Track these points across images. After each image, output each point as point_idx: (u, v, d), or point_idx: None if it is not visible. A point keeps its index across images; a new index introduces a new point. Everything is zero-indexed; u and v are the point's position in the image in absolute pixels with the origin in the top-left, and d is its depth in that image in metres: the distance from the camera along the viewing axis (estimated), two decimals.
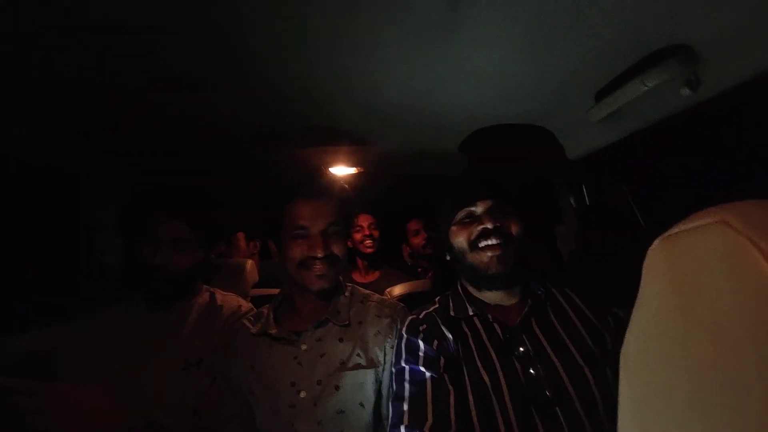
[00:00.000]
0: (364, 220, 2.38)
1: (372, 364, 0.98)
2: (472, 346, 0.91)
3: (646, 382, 0.31)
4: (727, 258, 0.25)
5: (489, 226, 0.93)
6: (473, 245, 0.96)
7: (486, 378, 0.84)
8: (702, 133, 1.09)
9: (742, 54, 0.83)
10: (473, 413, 0.81)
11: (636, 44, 0.88)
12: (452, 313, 0.98)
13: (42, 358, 1.15)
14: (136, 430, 0.88)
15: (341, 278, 1.16)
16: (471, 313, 0.96)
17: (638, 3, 0.75)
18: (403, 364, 0.90)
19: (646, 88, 0.89)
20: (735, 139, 1.02)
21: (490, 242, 0.93)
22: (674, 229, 0.30)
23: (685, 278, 0.28)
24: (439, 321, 0.97)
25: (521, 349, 0.87)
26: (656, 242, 0.31)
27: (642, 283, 0.32)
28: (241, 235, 2.24)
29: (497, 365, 0.86)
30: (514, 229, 0.95)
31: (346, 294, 1.12)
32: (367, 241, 2.33)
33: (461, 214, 0.99)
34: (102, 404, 0.84)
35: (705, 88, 0.91)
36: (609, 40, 0.87)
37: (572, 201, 1.59)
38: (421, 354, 0.90)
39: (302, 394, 0.94)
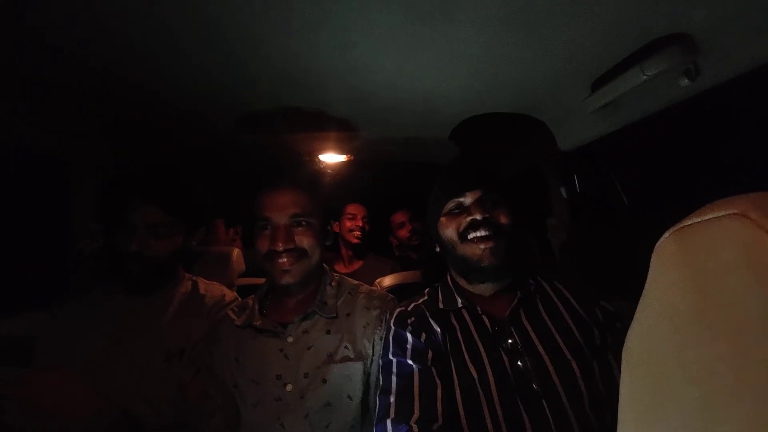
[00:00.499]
0: (358, 210, 2.34)
1: (360, 356, 0.96)
2: (460, 339, 0.90)
3: (652, 383, 0.29)
4: (746, 252, 0.24)
5: (478, 217, 0.91)
6: (462, 236, 0.94)
7: (473, 371, 0.83)
8: (698, 125, 1.08)
9: (743, 44, 0.81)
10: (460, 407, 0.80)
11: (636, 32, 0.86)
12: (441, 306, 0.97)
13: (19, 344, 1.12)
14: (110, 420, 0.87)
15: (327, 268, 1.13)
16: (460, 305, 0.95)
17: None
18: (391, 357, 0.89)
19: (645, 77, 0.88)
20: (732, 130, 1.01)
21: (479, 234, 0.92)
22: (687, 221, 0.28)
23: (699, 273, 0.26)
24: (428, 314, 0.96)
25: (509, 341, 0.86)
26: (667, 235, 0.29)
27: (650, 278, 0.31)
28: (219, 222, 2.16)
29: (485, 358, 0.85)
30: (504, 220, 0.94)
31: (332, 284, 1.08)
32: (357, 232, 2.29)
33: (450, 204, 0.97)
34: (78, 393, 0.83)
35: (704, 78, 0.89)
36: (608, 27, 0.84)
37: (563, 192, 1.58)
38: (408, 347, 0.89)
39: (288, 387, 0.92)
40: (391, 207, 2.60)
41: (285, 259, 0.98)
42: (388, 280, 1.53)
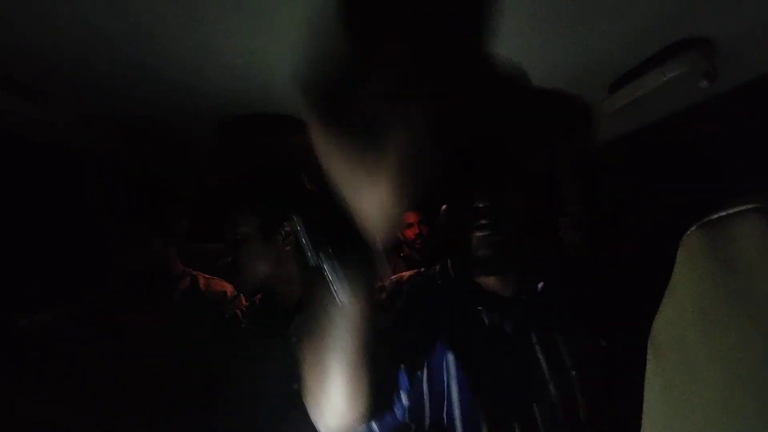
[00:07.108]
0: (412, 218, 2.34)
1: None
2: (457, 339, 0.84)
3: (679, 364, 0.32)
4: (765, 240, 0.26)
5: (480, 204, 0.81)
6: (464, 225, 0.84)
7: (467, 374, 0.80)
8: (715, 128, 1.06)
9: (763, 49, 0.79)
10: (455, 406, 0.78)
11: (655, 35, 0.84)
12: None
13: (41, 335, 1.14)
14: None
15: None
16: (464, 302, 0.88)
17: None
18: None
19: (665, 79, 0.86)
20: (748, 135, 0.99)
21: (480, 222, 0.81)
22: (712, 215, 0.31)
23: (725, 261, 0.29)
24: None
25: (509, 344, 0.82)
26: (693, 228, 0.32)
27: (677, 268, 0.33)
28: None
29: (481, 361, 0.81)
30: (510, 208, 0.82)
31: None
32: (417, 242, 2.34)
33: (455, 188, 0.88)
34: None
35: (723, 81, 0.87)
36: (629, 31, 0.82)
37: (578, 192, 1.55)
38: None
39: (295, 386, 0.93)
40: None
41: None
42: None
